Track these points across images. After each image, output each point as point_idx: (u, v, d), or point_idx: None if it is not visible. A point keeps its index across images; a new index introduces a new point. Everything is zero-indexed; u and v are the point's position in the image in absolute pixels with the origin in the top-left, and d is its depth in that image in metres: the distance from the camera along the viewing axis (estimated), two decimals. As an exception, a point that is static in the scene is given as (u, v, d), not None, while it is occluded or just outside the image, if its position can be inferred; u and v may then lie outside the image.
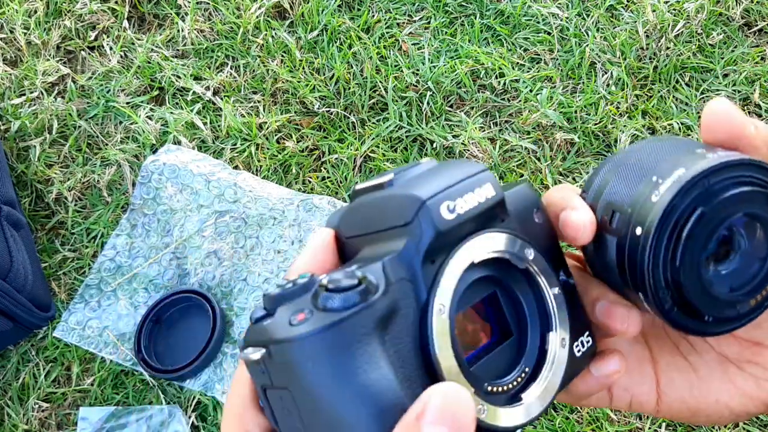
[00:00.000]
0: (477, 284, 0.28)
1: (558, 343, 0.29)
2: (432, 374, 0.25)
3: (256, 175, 0.98)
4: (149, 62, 1.07)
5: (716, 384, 0.32)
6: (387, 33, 1.08)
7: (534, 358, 0.29)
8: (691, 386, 0.33)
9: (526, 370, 0.29)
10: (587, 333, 0.31)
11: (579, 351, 0.30)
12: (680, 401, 0.33)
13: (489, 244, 0.28)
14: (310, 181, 0.97)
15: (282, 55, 1.07)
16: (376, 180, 0.29)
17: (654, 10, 1.07)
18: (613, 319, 0.29)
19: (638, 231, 0.27)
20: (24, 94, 1.05)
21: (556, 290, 0.30)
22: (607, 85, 1.02)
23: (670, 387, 0.33)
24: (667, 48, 1.04)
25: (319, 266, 0.29)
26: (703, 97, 1.01)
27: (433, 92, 1.02)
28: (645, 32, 1.05)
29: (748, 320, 0.28)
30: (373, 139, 0.99)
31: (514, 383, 0.29)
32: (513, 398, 0.28)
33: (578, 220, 0.29)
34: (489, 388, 0.28)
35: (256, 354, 0.24)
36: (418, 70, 1.04)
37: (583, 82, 1.02)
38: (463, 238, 0.27)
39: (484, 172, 0.28)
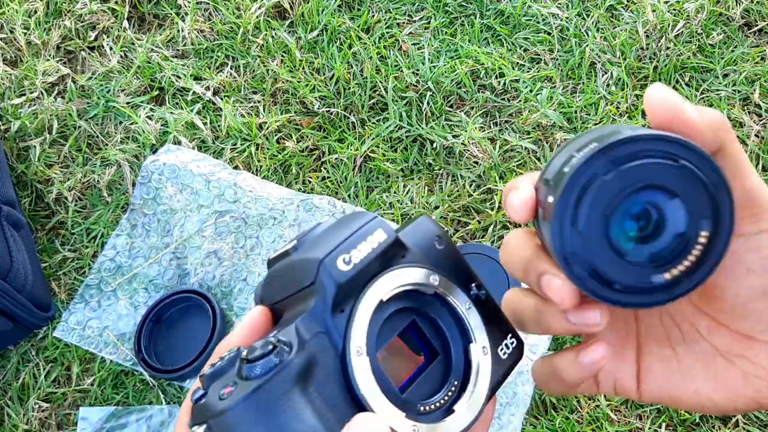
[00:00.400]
0: (394, 318, 0.31)
1: (480, 352, 0.32)
2: (362, 410, 0.28)
3: (256, 175, 0.98)
4: (149, 62, 1.07)
5: (698, 375, 0.32)
6: (387, 33, 1.08)
7: (461, 370, 0.32)
8: (671, 375, 0.33)
9: (455, 383, 0.32)
10: (510, 335, 0.34)
11: (504, 353, 0.34)
12: (659, 389, 0.33)
13: (394, 281, 0.31)
14: (310, 181, 0.97)
15: (282, 55, 1.07)
16: (283, 248, 0.32)
17: (654, 10, 1.07)
18: (549, 290, 0.30)
19: (550, 200, 0.28)
20: (24, 94, 1.05)
21: (467, 305, 0.33)
22: (607, 85, 1.02)
23: (650, 374, 0.34)
24: (667, 48, 1.04)
25: (252, 340, 0.30)
26: (703, 97, 1.01)
27: (433, 92, 1.02)
28: (645, 32, 1.05)
29: (668, 297, 0.28)
30: (373, 139, 0.99)
31: (446, 398, 0.32)
32: (447, 411, 0.31)
33: (514, 199, 0.30)
34: (421, 408, 0.30)
35: (200, 430, 0.27)
36: (418, 70, 1.04)
37: (583, 82, 1.02)
38: (367, 282, 0.30)
39: (374, 220, 0.31)
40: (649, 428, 0.81)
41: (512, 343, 0.34)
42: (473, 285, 0.34)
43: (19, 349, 0.88)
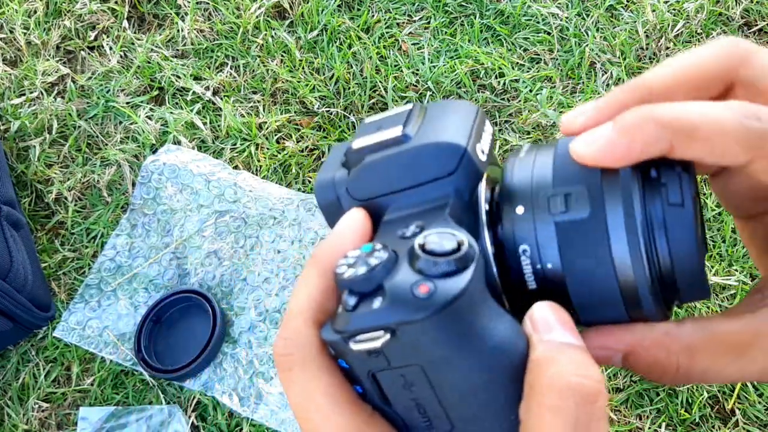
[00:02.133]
0: None
1: None
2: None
3: (256, 175, 0.98)
4: (149, 62, 1.07)
5: None
6: (387, 33, 1.08)
7: None
8: None
9: None
10: None
11: None
12: None
13: None
14: (309, 181, 0.97)
15: (282, 55, 1.07)
16: (377, 136, 0.28)
17: (654, 10, 1.07)
18: None
19: None
20: (24, 94, 1.05)
21: None
22: (607, 85, 1.02)
23: None
24: (667, 48, 1.04)
25: (351, 246, 0.27)
26: (702, 97, 1.01)
27: (433, 92, 1.02)
28: (645, 32, 1.05)
29: None
30: (373, 139, 0.99)
31: None
32: None
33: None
34: None
35: (375, 342, 0.23)
36: (417, 70, 1.04)
37: (583, 82, 1.02)
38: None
39: (480, 111, 0.28)
40: (649, 428, 0.81)
41: None
42: None
43: (19, 349, 0.88)
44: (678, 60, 0.25)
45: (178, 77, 1.05)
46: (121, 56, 1.09)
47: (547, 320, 0.23)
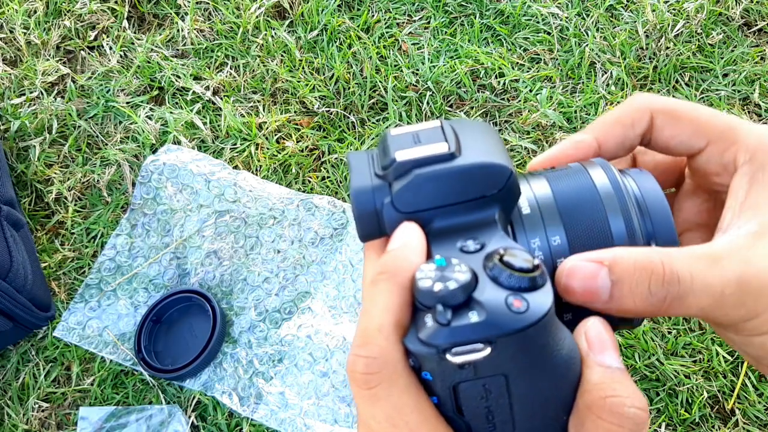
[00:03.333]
0: None
1: None
2: None
3: (256, 174, 0.98)
4: (149, 62, 1.07)
5: None
6: (387, 33, 1.08)
7: None
8: None
9: None
10: None
11: None
12: None
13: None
14: (310, 181, 0.97)
15: (282, 55, 1.07)
16: (421, 151, 0.29)
17: (654, 10, 1.07)
18: None
19: None
20: (24, 94, 1.05)
21: None
22: (607, 85, 1.02)
23: None
24: (667, 48, 1.04)
25: (420, 259, 0.27)
26: (703, 97, 1.01)
27: (433, 92, 1.02)
28: (645, 32, 1.05)
29: None
30: (373, 138, 0.99)
31: None
32: None
33: None
34: None
35: (476, 354, 0.24)
36: (417, 70, 1.04)
37: (583, 82, 1.02)
38: None
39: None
40: (649, 428, 0.81)
41: None
42: None
43: (19, 349, 0.88)
44: (606, 115, 0.33)
45: (178, 77, 1.05)
46: (121, 56, 1.09)
47: (602, 341, 0.26)
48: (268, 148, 0.99)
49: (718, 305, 0.26)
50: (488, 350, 0.23)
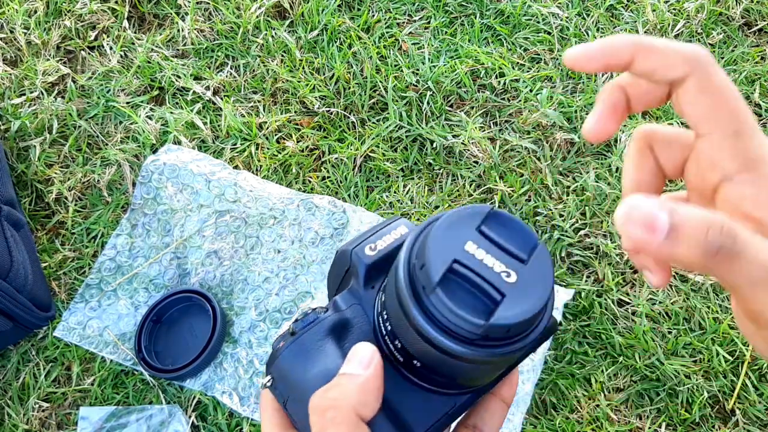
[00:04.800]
0: None
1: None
2: None
3: (257, 174, 0.98)
4: (149, 62, 1.07)
5: None
6: (387, 33, 1.08)
7: None
8: None
9: None
10: None
11: None
12: None
13: None
14: (310, 181, 0.97)
15: (282, 55, 1.07)
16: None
17: (654, 10, 1.07)
18: None
19: None
20: (24, 94, 1.05)
21: None
22: (607, 85, 1.02)
23: None
24: (667, 48, 1.04)
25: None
26: (703, 97, 1.01)
27: (433, 92, 1.02)
28: (645, 32, 1.05)
29: None
30: (373, 138, 0.99)
31: None
32: None
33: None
34: None
35: (267, 378, 0.34)
36: (418, 69, 1.04)
37: (583, 82, 1.02)
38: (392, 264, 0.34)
39: (399, 219, 0.37)
40: (649, 428, 0.81)
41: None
42: None
43: (19, 349, 0.88)
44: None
45: (179, 77, 1.05)
46: (121, 56, 1.09)
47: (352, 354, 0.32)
48: (268, 148, 0.99)
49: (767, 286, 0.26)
50: (269, 377, 0.34)
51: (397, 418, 0.32)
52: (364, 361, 0.31)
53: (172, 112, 1.02)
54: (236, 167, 0.98)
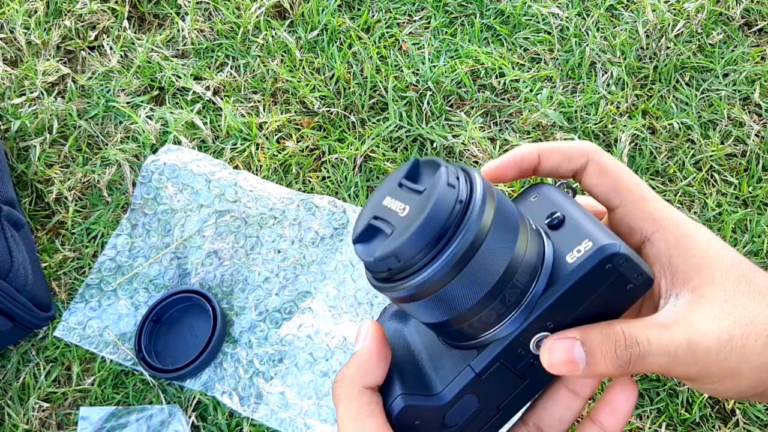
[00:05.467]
0: None
1: None
2: None
3: (257, 174, 0.98)
4: (149, 62, 1.07)
5: None
6: (387, 33, 1.08)
7: None
8: None
9: None
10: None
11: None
12: None
13: None
14: (310, 181, 0.97)
15: (282, 55, 1.07)
16: None
17: (654, 10, 1.07)
18: None
19: None
20: (24, 94, 1.05)
21: None
22: (607, 85, 1.02)
23: None
24: (667, 48, 1.04)
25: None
26: (703, 97, 1.01)
27: (433, 92, 1.02)
28: (645, 32, 1.05)
29: None
30: (373, 138, 0.99)
31: None
32: None
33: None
34: None
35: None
36: (418, 70, 1.04)
37: (583, 82, 1.02)
38: None
39: None
40: (649, 428, 0.81)
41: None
42: None
43: (20, 349, 0.88)
44: (555, 142, 0.39)
45: (179, 77, 1.05)
46: (121, 56, 1.09)
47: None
48: (268, 148, 0.99)
49: (675, 363, 0.31)
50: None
51: (421, 377, 0.34)
52: (359, 337, 0.35)
53: (172, 112, 1.02)
54: (236, 167, 0.98)
